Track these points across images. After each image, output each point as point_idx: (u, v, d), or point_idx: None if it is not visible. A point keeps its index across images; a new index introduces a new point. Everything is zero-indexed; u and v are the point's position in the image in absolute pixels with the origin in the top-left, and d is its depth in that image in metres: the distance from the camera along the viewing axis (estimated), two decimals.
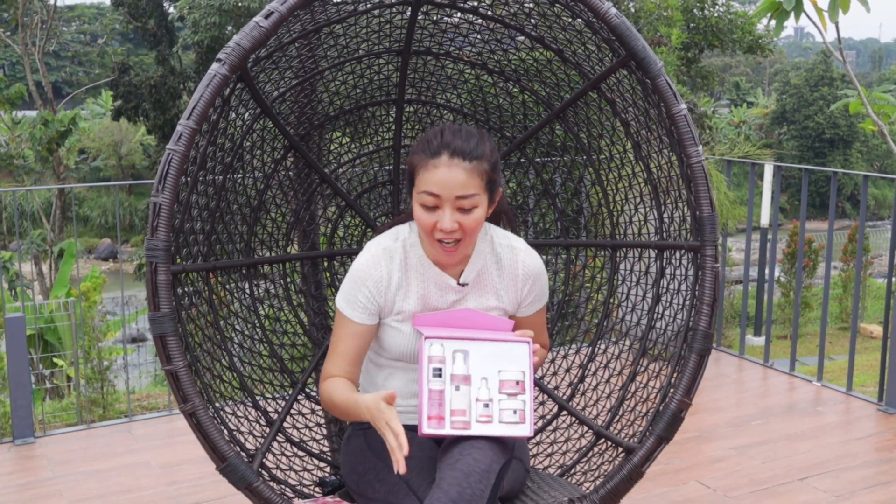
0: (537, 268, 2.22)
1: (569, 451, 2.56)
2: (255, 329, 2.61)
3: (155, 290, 1.99)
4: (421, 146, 2.05)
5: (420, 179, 2.02)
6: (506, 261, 2.20)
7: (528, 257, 2.22)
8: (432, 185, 2.00)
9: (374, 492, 2.08)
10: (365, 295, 2.11)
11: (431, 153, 2.02)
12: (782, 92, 41.16)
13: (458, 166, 2.00)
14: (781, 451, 3.79)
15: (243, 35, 2.01)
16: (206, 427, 2.02)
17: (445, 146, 2.01)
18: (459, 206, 2.01)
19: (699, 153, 2.17)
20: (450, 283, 2.14)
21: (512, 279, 2.20)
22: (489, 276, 2.19)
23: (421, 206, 2.03)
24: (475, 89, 2.69)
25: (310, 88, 2.56)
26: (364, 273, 2.12)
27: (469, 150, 2.01)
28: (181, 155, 1.97)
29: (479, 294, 2.18)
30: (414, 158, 2.06)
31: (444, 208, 2.01)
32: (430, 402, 1.91)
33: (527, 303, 2.24)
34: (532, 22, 2.43)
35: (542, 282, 2.24)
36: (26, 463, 3.76)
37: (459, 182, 1.99)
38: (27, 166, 16.02)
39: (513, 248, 2.21)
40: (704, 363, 2.21)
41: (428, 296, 2.14)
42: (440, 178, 1.99)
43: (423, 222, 2.04)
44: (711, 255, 2.21)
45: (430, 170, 2.00)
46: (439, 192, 1.99)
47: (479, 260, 2.18)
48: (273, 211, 2.64)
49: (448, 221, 2.00)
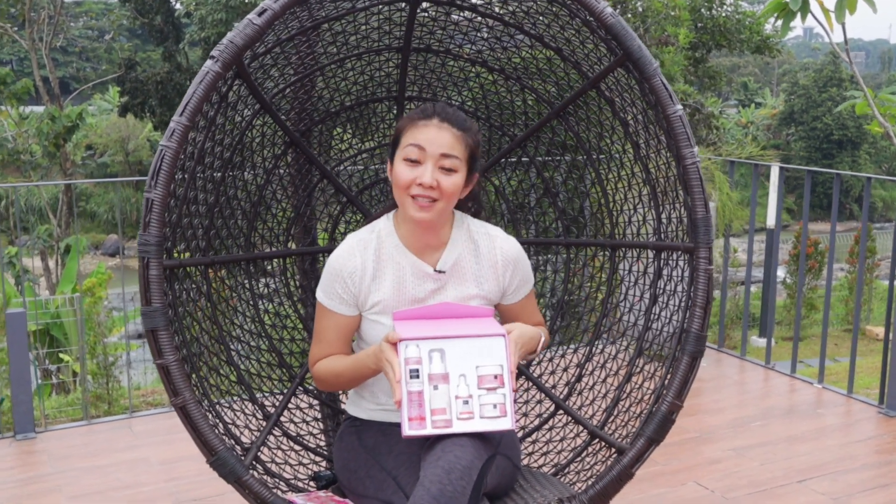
0: (516, 253, 2.25)
1: (563, 451, 2.56)
2: (255, 324, 2.62)
3: (147, 284, 2.00)
4: (411, 114, 2.15)
5: (407, 136, 2.10)
6: (483, 248, 2.22)
7: (505, 243, 2.24)
8: (420, 139, 2.07)
9: (364, 488, 2.10)
10: (341, 286, 2.15)
11: (423, 117, 2.10)
12: (790, 93, 41.03)
13: (447, 130, 2.09)
14: (781, 452, 3.78)
15: (236, 32, 2.01)
16: (197, 421, 2.03)
17: (437, 113, 2.10)
18: (441, 164, 2.07)
19: (694, 154, 2.17)
20: (426, 271, 2.16)
21: (491, 266, 2.22)
22: (468, 264, 2.20)
23: (404, 160, 2.08)
24: (476, 87, 2.69)
25: (310, 85, 2.56)
26: (339, 264, 2.16)
27: (459, 120, 2.11)
28: (174, 151, 1.98)
29: (459, 282, 2.19)
30: (402, 122, 2.14)
31: (426, 164, 2.07)
32: (409, 404, 1.91)
33: (512, 289, 2.25)
34: (531, 20, 2.43)
35: (523, 266, 2.27)
36: (27, 458, 3.77)
37: (446, 142, 2.08)
38: (34, 162, 16.05)
39: (490, 236, 2.24)
40: (697, 365, 2.21)
41: (403, 284, 2.15)
42: (429, 134, 2.08)
43: (402, 177, 2.08)
44: (705, 258, 2.20)
45: (420, 128, 2.09)
46: (425, 145, 2.07)
47: (456, 248, 2.20)
48: (273, 206, 2.65)
49: (429, 176, 2.06)
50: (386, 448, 2.12)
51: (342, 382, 2.19)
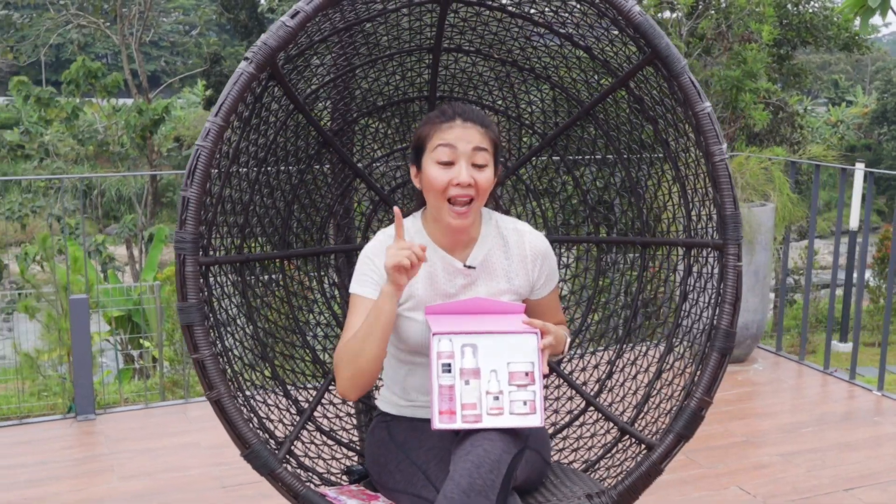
0: (544, 247, 2.28)
1: (594, 447, 2.57)
2: (289, 320, 2.68)
3: (183, 281, 2.06)
4: (430, 118, 2.16)
5: (434, 139, 2.12)
6: (513, 243, 2.25)
7: (534, 238, 2.27)
8: (449, 138, 2.10)
9: (394, 482, 2.13)
10: (372, 269, 2.17)
11: (445, 119, 2.12)
12: (883, 91, 39.68)
13: (471, 127, 2.12)
14: (831, 459, 3.71)
15: (270, 34, 2.07)
16: (231, 414, 2.09)
17: (458, 113, 2.13)
18: (474, 161, 2.09)
19: (723, 151, 2.16)
20: (456, 266, 2.19)
21: (521, 261, 2.24)
22: (497, 260, 2.23)
23: (436, 163, 2.10)
24: (506, 86, 2.71)
25: (343, 85, 2.61)
26: (371, 252, 2.19)
27: (480, 117, 2.15)
28: (209, 151, 2.04)
29: (489, 278, 2.22)
30: (423, 129, 2.15)
31: (459, 163, 2.09)
32: (440, 398, 1.95)
33: (539, 284, 2.28)
34: (560, 20, 2.44)
35: (550, 261, 2.29)
36: (85, 438, 3.93)
37: (475, 137, 2.10)
38: (122, 153, 16.55)
39: (518, 231, 2.27)
40: (726, 362, 2.20)
41: (434, 279, 2.19)
42: (456, 133, 2.10)
43: (437, 181, 2.10)
44: (734, 254, 2.20)
45: (445, 130, 2.11)
46: (456, 143, 2.09)
47: (486, 243, 2.23)
48: (307, 205, 2.70)
49: (465, 174, 2.08)
50: (416, 443, 2.16)
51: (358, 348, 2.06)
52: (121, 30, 17.06)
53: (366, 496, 2.21)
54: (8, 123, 25.90)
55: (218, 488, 3.42)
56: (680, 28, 9.81)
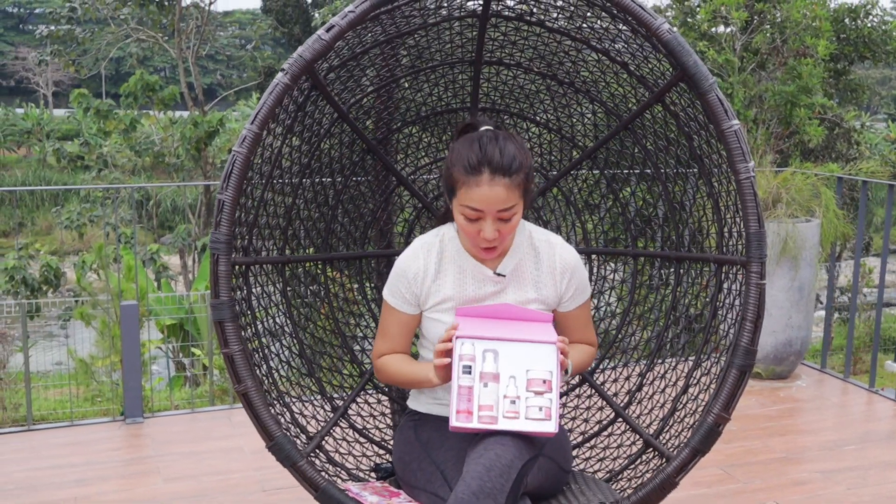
0: (575, 261, 2.32)
1: (619, 458, 2.60)
2: (329, 321, 2.76)
3: (216, 279, 2.16)
4: (460, 160, 2.14)
5: (462, 194, 2.13)
6: (544, 255, 2.30)
7: (565, 251, 2.32)
8: (475, 201, 2.11)
9: (416, 480, 2.22)
10: (405, 286, 2.28)
11: (472, 170, 2.11)
12: None
13: (498, 184, 2.10)
14: (872, 478, 3.67)
15: (306, 47, 2.15)
16: (257, 407, 2.17)
17: (486, 163, 2.10)
18: (500, 216, 2.13)
19: (748, 169, 2.18)
20: (487, 274, 2.26)
21: (550, 272, 2.30)
22: (527, 269, 2.29)
23: (463, 216, 2.15)
24: (547, 99, 2.76)
25: (386, 95, 2.69)
26: (404, 265, 2.29)
27: (507, 165, 2.10)
28: (244, 157, 2.13)
29: (518, 286, 2.28)
30: (454, 172, 2.15)
31: (485, 220, 2.13)
32: (459, 397, 2.01)
33: (567, 296, 2.32)
34: (596, 35, 2.48)
35: (580, 275, 2.33)
36: (133, 441, 4.04)
37: (500, 198, 2.10)
38: (178, 164, 16.86)
39: (550, 243, 2.32)
40: (745, 379, 2.23)
41: (464, 285, 2.26)
42: (482, 195, 2.10)
43: (466, 231, 2.18)
44: (757, 272, 2.22)
45: (472, 187, 2.11)
46: (483, 207, 2.12)
47: (517, 253, 2.29)
48: (351, 210, 2.78)
49: (490, 232, 2.13)
50: (438, 442, 2.23)
51: (398, 382, 2.33)
52: (178, 44, 17.41)
53: (388, 493, 2.28)
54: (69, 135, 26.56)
55: (259, 492, 3.50)
56: (734, 42, 9.75)
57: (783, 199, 4.68)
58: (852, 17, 15.11)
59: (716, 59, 9.25)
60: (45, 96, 39.10)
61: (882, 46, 15.37)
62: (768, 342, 4.79)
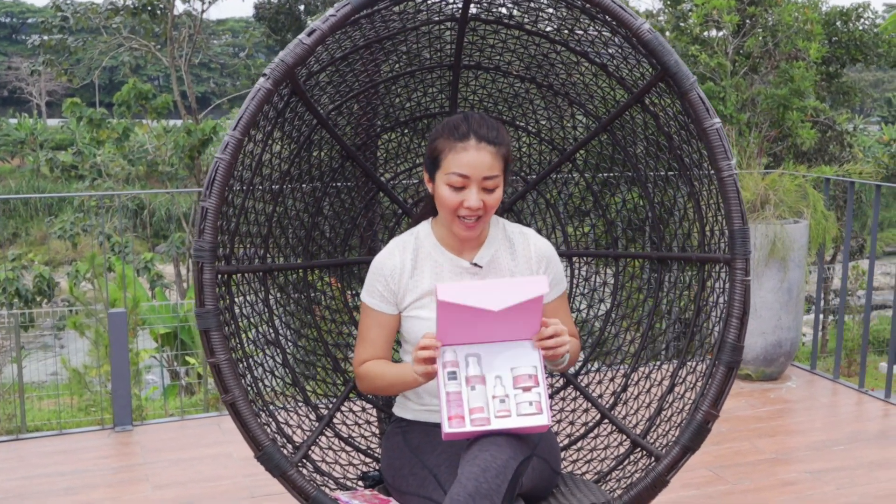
0: (549, 250, 2.36)
1: (606, 459, 2.60)
2: (311, 329, 2.75)
3: (201, 287, 2.15)
4: (446, 131, 2.21)
5: (448, 161, 2.18)
6: (519, 245, 2.34)
7: (539, 241, 2.36)
8: (463, 166, 2.15)
9: (407, 485, 2.20)
10: (382, 283, 2.29)
11: (459, 137, 2.17)
12: None
13: (485, 150, 2.16)
14: (861, 478, 3.67)
15: (287, 51, 2.15)
16: (245, 417, 2.17)
17: (473, 132, 2.17)
18: (485, 185, 2.16)
19: (730, 167, 2.19)
20: (463, 265, 2.29)
21: (526, 262, 2.33)
22: (503, 260, 2.32)
23: (448, 185, 2.18)
24: (526, 102, 2.76)
25: (365, 101, 2.69)
26: (380, 263, 2.31)
27: (493, 135, 2.18)
28: (227, 163, 2.13)
29: (495, 277, 2.30)
30: (439, 143, 2.21)
31: (470, 188, 2.16)
32: (449, 404, 2.00)
33: None
34: (575, 38, 2.49)
35: (555, 266, 2.36)
36: (122, 448, 4.03)
37: (487, 164, 2.16)
38: (171, 172, 16.85)
39: (524, 234, 2.36)
40: (733, 375, 2.24)
41: (442, 279, 2.28)
42: (469, 160, 2.15)
43: (449, 201, 2.19)
44: (741, 269, 2.23)
45: (460, 152, 2.16)
46: (469, 173, 2.15)
47: (493, 244, 2.32)
48: (331, 216, 2.77)
49: (475, 200, 2.16)
50: (429, 447, 2.23)
51: (382, 387, 2.30)
52: (171, 52, 17.40)
53: (378, 500, 2.27)
54: (63, 145, 26.51)
55: (248, 498, 3.49)
56: (726, 46, 9.76)
57: (771, 201, 4.69)
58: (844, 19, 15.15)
59: (708, 62, 9.27)
60: (38, 106, 39.11)
61: (874, 49, 15.41)
62: (758, 343, 4.79)
